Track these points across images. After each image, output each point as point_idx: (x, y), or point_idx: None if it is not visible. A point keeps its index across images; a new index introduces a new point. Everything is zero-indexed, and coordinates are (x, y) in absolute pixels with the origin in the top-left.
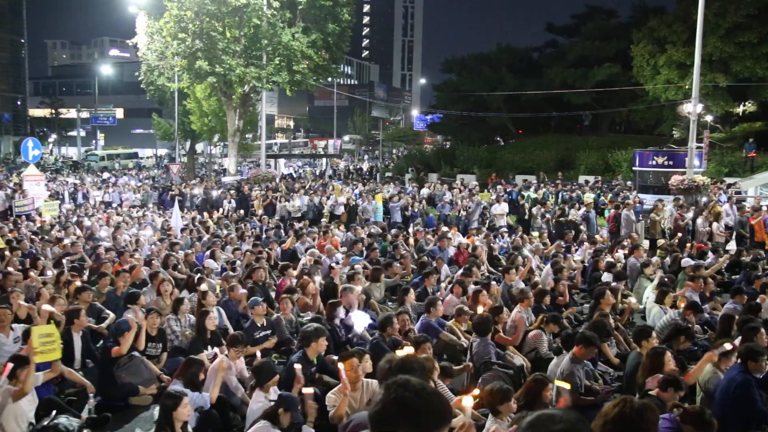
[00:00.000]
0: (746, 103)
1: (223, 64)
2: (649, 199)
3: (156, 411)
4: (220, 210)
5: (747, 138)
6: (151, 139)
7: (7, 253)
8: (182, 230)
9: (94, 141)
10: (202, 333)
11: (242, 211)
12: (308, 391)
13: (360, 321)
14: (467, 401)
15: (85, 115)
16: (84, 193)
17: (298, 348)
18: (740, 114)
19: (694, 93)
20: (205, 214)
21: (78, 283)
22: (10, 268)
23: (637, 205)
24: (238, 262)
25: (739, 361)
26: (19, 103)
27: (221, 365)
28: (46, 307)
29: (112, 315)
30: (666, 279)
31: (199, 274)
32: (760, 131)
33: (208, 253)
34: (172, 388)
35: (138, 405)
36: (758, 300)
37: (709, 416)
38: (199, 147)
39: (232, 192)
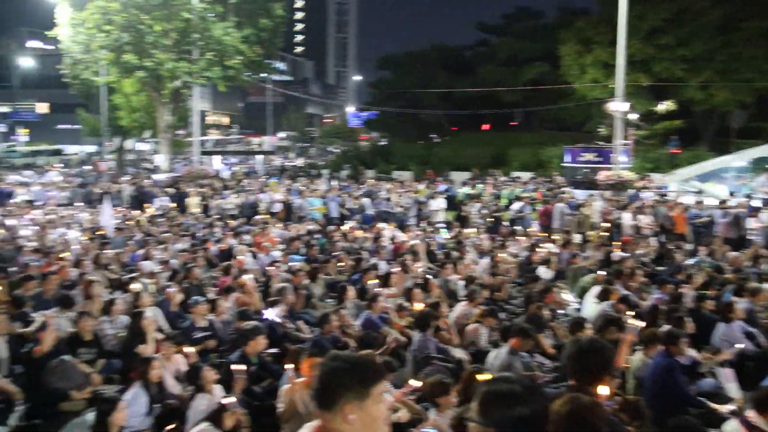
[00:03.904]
0: (666, 102)
1: (152, 58)
2: (579, 194)
3: (89, 416)
4: (152, 207)
5: (668, 135)
6: (77, 136)
7: None
8: (117, 229)
9: (11, 137)
10: (137, 334)
11: (176, 207)
12: (228, 400)
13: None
14: None
15: (5, 109)
16: (6, 191)
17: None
18: (661, 112)
19: (619, 92)
20: (135, 212)
21: None
22: None
23: (570, 200)
24: (174, 261)
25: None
26: None
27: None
28: None
29: (39, 318)
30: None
31: (129, 275)
32: (679, 129)
33: (141, 252)
34: (107, 392)
35: (69, 411)
36: (681, 290)
37: (644, 407)
38: (128, 143)
39: (167, 189)
